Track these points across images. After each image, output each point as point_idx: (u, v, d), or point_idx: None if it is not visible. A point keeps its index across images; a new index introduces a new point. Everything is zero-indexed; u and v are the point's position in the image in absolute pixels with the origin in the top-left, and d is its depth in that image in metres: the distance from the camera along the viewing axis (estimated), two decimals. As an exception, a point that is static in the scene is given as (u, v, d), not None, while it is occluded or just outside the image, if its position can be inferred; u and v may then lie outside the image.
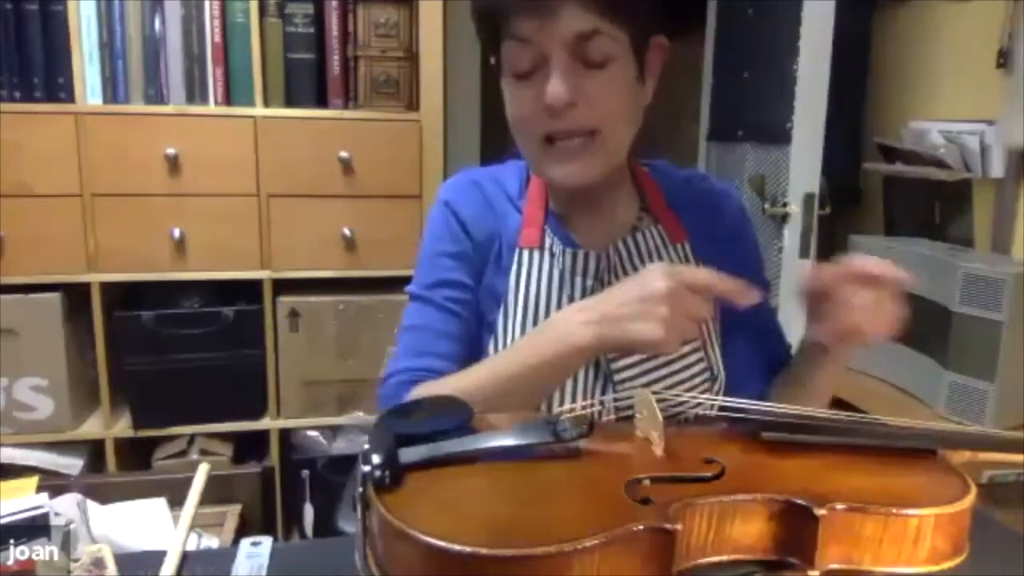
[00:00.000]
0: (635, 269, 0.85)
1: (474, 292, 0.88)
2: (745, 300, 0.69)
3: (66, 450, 1.88)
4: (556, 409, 0.81)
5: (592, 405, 0.78)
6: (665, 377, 0.84)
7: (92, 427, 1.90)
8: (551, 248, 0.86)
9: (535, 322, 0.84)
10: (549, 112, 0.75)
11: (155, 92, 1.80)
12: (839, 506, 0.54)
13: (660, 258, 0.87)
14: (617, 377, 0.84)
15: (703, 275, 0.69)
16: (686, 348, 0.85)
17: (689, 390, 0.83)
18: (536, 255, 0.86)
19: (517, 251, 0.87)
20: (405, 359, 0.86)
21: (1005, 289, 1.50)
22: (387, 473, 0.54)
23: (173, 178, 1.81)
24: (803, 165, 1.99)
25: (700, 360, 0.86)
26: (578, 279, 0.85)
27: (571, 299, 0.84)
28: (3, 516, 0.76)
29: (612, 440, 0.65)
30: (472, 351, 0.87)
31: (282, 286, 1.94)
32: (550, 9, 0.71)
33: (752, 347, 0.93)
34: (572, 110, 0.75)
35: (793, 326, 2.05)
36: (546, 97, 0.73)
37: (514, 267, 0.86)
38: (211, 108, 1.82)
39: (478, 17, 0.79)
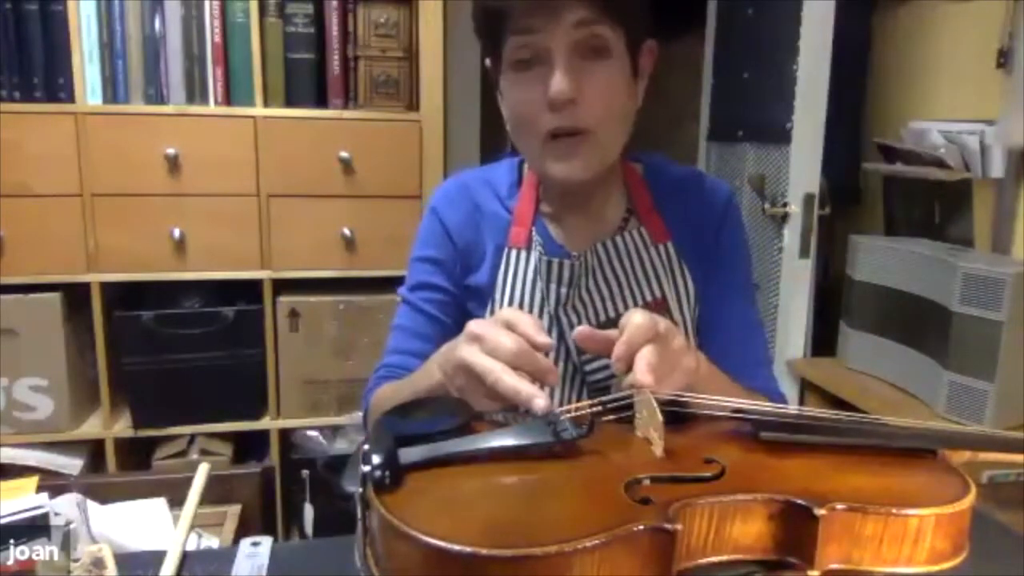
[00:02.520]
0: (614, 271, 0.89)
1: (454, 295, 0.92)
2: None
3: (66, 450, 1.88)
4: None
5: (592, 406, 0.78)
6: None
7: (92, 427, 1.89)
8: (537, 248, 0.89)
9: None
10: (551, 106, 0.77)
11: (155, 92, 1.80)
12: (839, 506, 0.53)
13: (641, 259, 0.90)
14: (587, 368, 0.87)
15: (507, 315, 0.68)
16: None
17: None
18: (523, 255, 0.90)
19: (505, 250, 0.90)
20: (387, 356, 0.95)
21: (1005, 289, 1.50)
22: (387, 473, 0.54)
23: (173, 178, 1.81)
24: (803, 165, 1.99)
25: None
26: (552, 285, 0.87)
27: (549, 301, 0.88)
28: (3, 516, 0.76)
29: (612, 440, 0.65)
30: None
31: (282, 286, 1.94)
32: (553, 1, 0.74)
33: (728, 348, 0.91)
34: (573, 106, 0.77)
35: (794, 325, 2.06)
36: (550, 91, 0.76)
37: (502, 266, 0.90)
38: (211, 108, 1.82)
39: (483, 14, 0.80)
